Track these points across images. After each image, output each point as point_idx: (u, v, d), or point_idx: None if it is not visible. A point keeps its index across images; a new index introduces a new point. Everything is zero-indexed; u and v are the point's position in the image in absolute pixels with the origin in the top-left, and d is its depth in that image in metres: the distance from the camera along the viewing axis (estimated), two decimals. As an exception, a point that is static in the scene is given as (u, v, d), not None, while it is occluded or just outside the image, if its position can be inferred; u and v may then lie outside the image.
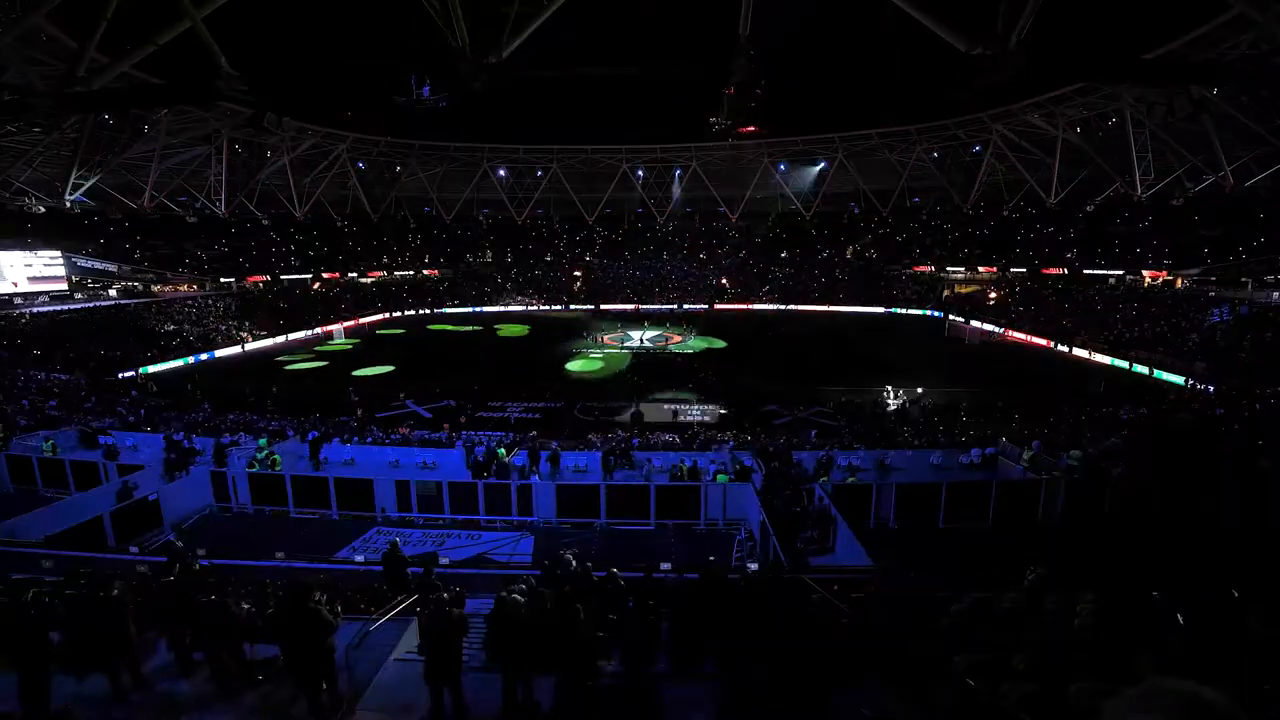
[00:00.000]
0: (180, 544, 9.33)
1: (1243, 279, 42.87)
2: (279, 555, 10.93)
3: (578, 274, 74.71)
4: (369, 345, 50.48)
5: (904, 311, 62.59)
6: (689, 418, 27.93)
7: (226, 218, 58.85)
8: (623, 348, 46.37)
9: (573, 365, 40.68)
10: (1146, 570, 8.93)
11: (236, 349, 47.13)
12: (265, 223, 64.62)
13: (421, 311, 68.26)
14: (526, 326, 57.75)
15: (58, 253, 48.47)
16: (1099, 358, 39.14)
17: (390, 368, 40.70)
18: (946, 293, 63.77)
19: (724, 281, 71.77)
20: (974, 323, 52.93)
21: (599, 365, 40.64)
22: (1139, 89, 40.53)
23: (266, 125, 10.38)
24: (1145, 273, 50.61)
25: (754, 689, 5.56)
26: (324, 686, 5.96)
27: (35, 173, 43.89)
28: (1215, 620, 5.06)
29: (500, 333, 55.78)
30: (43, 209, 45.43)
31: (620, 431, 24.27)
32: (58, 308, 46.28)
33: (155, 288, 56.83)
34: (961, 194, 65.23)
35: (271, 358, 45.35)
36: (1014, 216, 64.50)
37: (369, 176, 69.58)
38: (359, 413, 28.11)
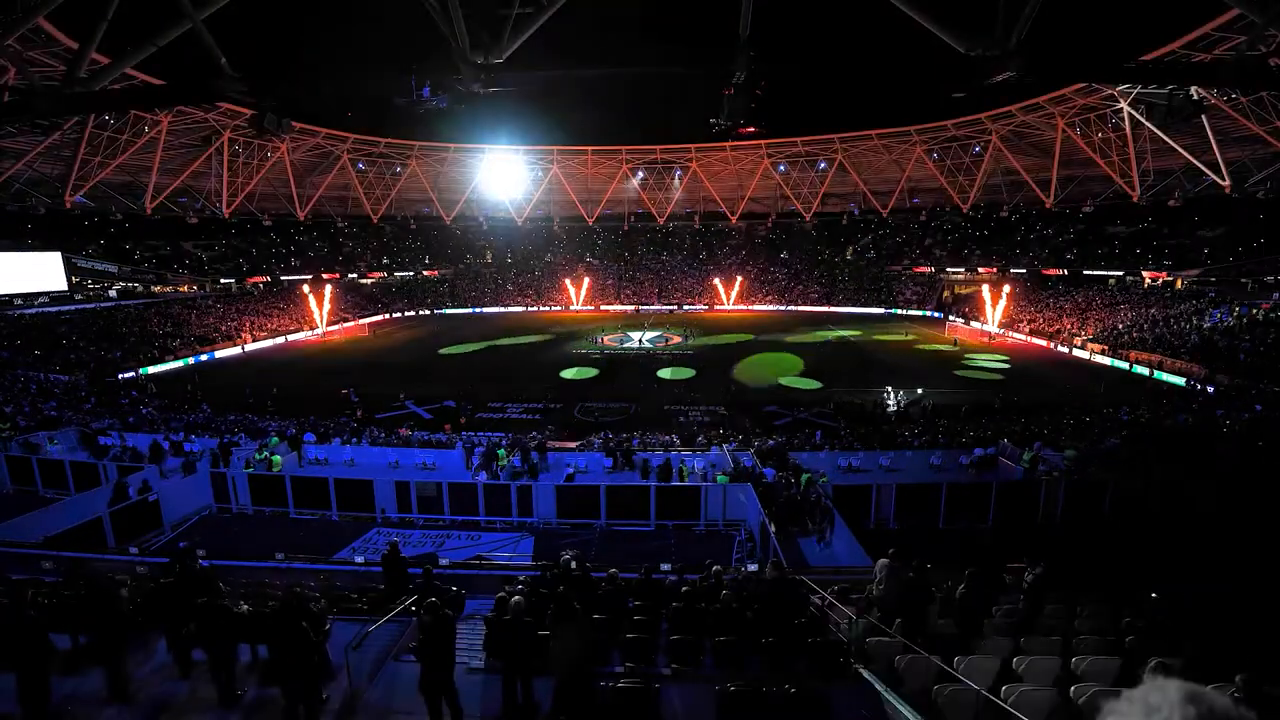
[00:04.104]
0: (183, 544, 9.36)
1: (1242, 279, 42.90)
2: (279, 556, 10.92)
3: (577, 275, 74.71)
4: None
5: (903, 312, 62.61)
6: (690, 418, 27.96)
7: (227, 218, 58.97)
8: (622, 348, 46.39)
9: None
10: (1145, 569, 8.94)
11: (236, 349, 47.15)
12: (266, 223, 64.67)
13: (422, 312, 68.28)
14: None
15: (58, 254, 48.46)
16: (1099, 358, 39.16)
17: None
18: (946, 293, 63.79)
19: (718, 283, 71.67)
20: (974, 324, 52.94)
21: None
22: (1138, 89, 40.53)
23: (267, 126, 10.37)
24: (1145, 273, 50.63)
25: (753, 687, 5.56)
26: (320, 688, 5.97)
27: (35, 173, 43.91)
28: (1214, 619, 5.06)
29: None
30: (43, 210, 45.55)
31: (611, 433, 24.23)
32: (58, 308, 46.30)
33: (155, 288, 56.86)
34: (961, 195, 65.28)
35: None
36: (1013, 217, 64.55)
37: (369, 177, 69.65)
38: (359, 413, 28.11)
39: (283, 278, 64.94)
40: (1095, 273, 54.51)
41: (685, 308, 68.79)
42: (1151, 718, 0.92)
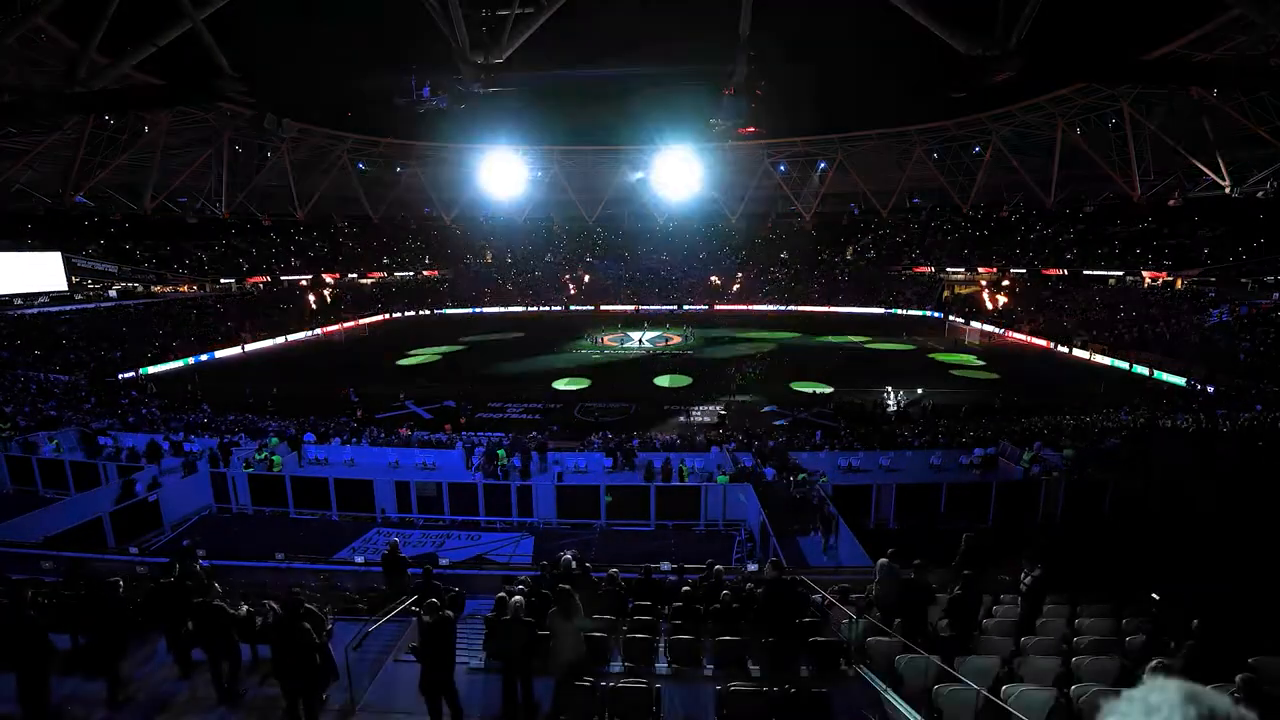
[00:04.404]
0: (185, 543, 9.36)
1: (1242, 279, 42.87)
2: (279, 556, 10.92)
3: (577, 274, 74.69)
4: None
5: (904, 312, 62.58)
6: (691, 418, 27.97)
7: (227, 219, 58.98)
8: (622, 348, 46.40)
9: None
10: (1145, 569, 8.94)
11: (236, 350, 47.14)
12: (266, 223, 64.66)
13: (422, 312, 68.22)
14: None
15: (58, 254, 48.42)
16: (1099, 358, 39.14)
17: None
18: (946, 293, 63.79)
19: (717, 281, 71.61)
20: (974, 323, 52.89)
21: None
22: (1138, 89, 40.60)
23: (267, 126, 10.36)
24: (1145, 273, 50.62)
25: (753, 687, 5.56)
26: (321, 688, 5.96)
27: (35, 173, 43.91)
28: (1215, 619, 5.05)
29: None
30: (43, 210, 45.55)
31: (611, 433, 24.19)
32: (58, 308, 46.26)
33: (155, 288, 56.82)
34: (961, 194, 65.29)
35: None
36: (1013, 217, 64.55)
37: (369, 177, 69.62)
38: (359, 413, 28.10)
39: (283, 278, 64.90)
40: (1095, 273, 54.46)
41: (685, 307, 68.75)
42: (1151, 718, 0.92)
